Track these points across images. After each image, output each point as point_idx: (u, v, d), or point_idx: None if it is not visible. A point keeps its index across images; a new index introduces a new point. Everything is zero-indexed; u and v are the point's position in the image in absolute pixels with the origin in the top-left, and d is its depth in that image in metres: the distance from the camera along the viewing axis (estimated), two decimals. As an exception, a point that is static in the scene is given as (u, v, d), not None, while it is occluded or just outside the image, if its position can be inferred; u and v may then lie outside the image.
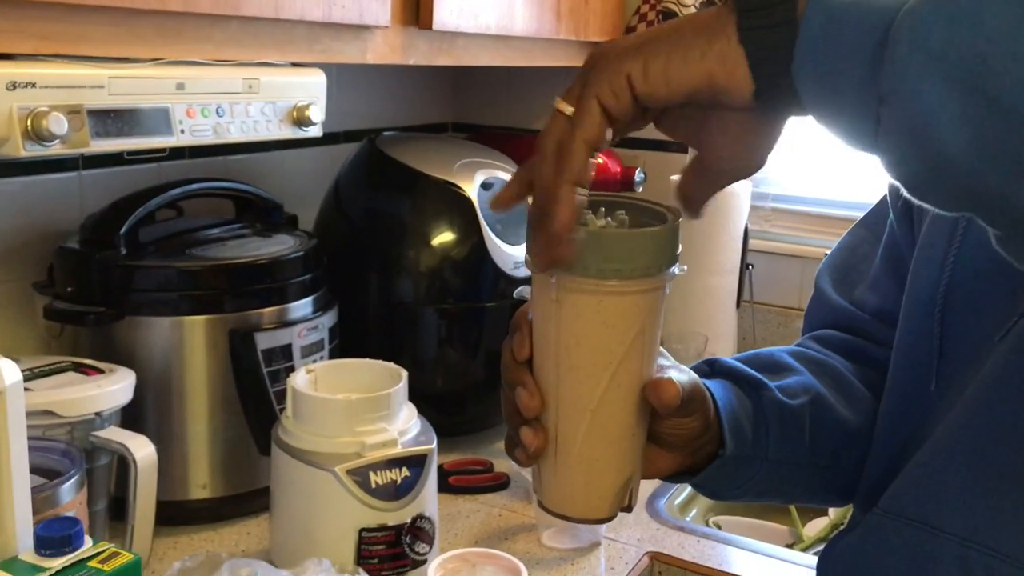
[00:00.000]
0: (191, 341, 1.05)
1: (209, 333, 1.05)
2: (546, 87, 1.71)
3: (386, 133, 1.39)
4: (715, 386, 0.71)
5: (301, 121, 1.03)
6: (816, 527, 1.34)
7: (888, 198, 0.82)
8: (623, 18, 1.59)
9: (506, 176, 1.30)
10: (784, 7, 0.48)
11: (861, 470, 0.76)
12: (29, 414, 0.83)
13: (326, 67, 1.09)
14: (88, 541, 0.63)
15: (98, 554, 0.62)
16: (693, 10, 1.53)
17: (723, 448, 0.69)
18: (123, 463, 0.89)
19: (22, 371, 0.91)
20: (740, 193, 1.50)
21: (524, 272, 1.29)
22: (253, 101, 0.97)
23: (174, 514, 1.06)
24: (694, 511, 1.30)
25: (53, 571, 0.61)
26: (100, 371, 0.95)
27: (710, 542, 1.09)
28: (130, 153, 1.23)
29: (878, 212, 0.86)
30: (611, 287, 0.55)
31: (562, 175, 0.51)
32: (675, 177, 0.59)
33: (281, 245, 1.13)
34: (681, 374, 0.63)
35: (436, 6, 1.15)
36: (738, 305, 1.58)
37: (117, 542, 0.92)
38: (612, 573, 1.02)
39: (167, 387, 1.05)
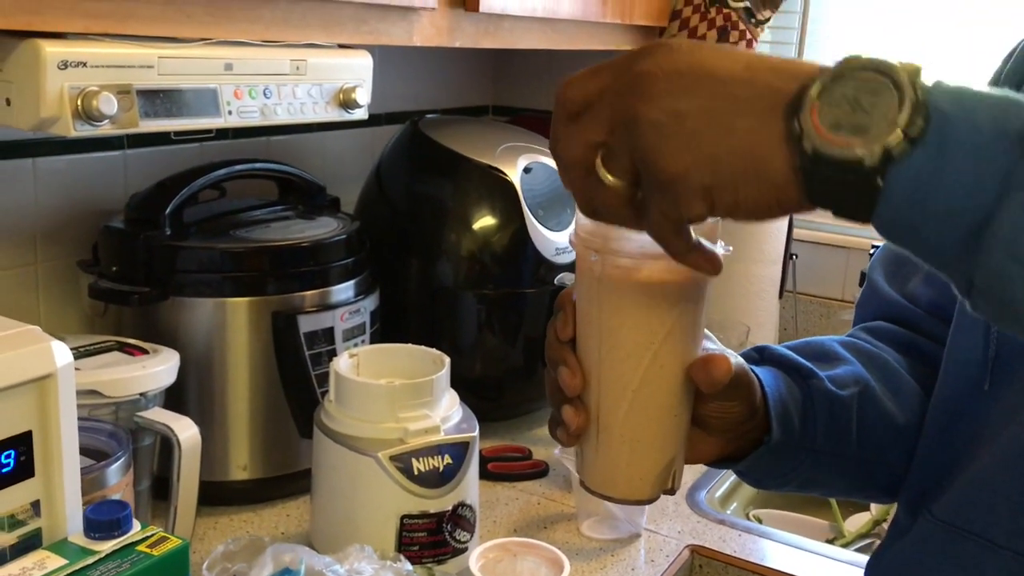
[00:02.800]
0: (234, 323, 1.05)
1: (252, 315, 1.05)
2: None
3: (429, 116, 1.37)
4: (764, 373, 0.69)
5: (347, 103, 1.02)
6: (857, 522, 1.32)
7: None
8: (669, 2, 1.57)
9: (549, 161, 1.29)
10: (858, 172, 0.43)
11: (907, 467, 0.75)
12: (77, 393, 0.84)
13: (368, 47, 1.08)
14: (136, 525, 0.63)
15: (146, 538, 0.62)
16: (741, -6, 1.50)
17: (769, 435, 0.67)
18: (166, 444, 0.89)
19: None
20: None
21: (565, 258, 1.27)
22: (300, 83, 0.97)
23: (215, 494, 1.07)
24: (735, 504, 1.28)
25: (102, 555, 0.60)
26: (145, 351, 0.95)
27: (751, 536, 1.08)
28: (176, 133, 1.23)
29: None
30: (656, 265, 0.54)
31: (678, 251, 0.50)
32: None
33: (324, 228, 1.13)
34: (727, 359, 0.62)
35: (483, -13, 1.14)
36: (780, 295, 1.56)
37: (160, 522, 0.93)
38: (652, 565, 1.01)
39: (209, 368, 1.05)
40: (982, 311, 0.46)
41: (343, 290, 1.11)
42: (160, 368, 0.91)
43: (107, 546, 0.61)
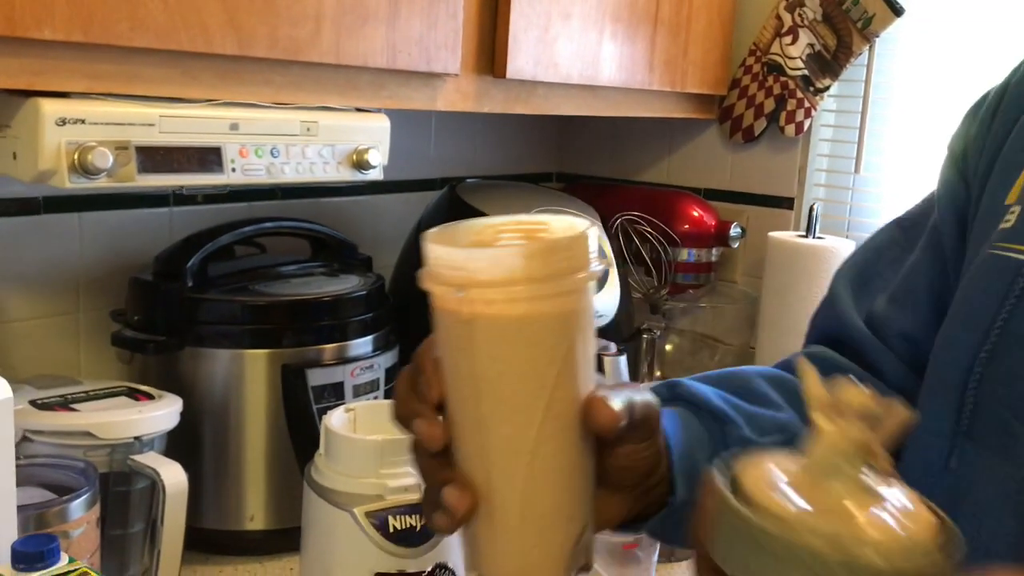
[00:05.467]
0: (249, 374, 1.07)
1: (267, 367, 1.07)
2: (653, 136, 1.68)
3: (468, 180, 1.39)
4: (670, 419, 0.61)
5: (360, 164, 1.05)
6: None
7: (938, 204, 0.71)
8: (728, 71, 1.55)
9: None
10: None
11: None
12: (71, 434, 0.88)
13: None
14: (64, 559, 0.65)
15: (69, 573, 0.64)
16: (800, 64, 1.47)
17: (673, 495, 0.59)
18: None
19: (77, 392, 0.97)
20: (838, 252, 1.42)
21: (596, 323, 1.25)
22: (311, 143, 1.00)
23: (223, 544, 1.09)
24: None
25: (22, 586, 0.62)
26: (151, 397, 0.99)
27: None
28: (220, 191, 1.28)
29: (919, 215, 0.75)
30: (534, 291, 0.46)
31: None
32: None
33: (344, 284, 1.15)
34: (618, 394, 0.52)
35: (511, 55, 1.16)
36: (839, 372, 1.48)
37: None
38: (647, 645, 0.97)
39: (224, 418, 1.08)
40: None
41: (358, 346, 1.12)
42: (156, 413, 0.94)
43: (28, 578, 0.63)
